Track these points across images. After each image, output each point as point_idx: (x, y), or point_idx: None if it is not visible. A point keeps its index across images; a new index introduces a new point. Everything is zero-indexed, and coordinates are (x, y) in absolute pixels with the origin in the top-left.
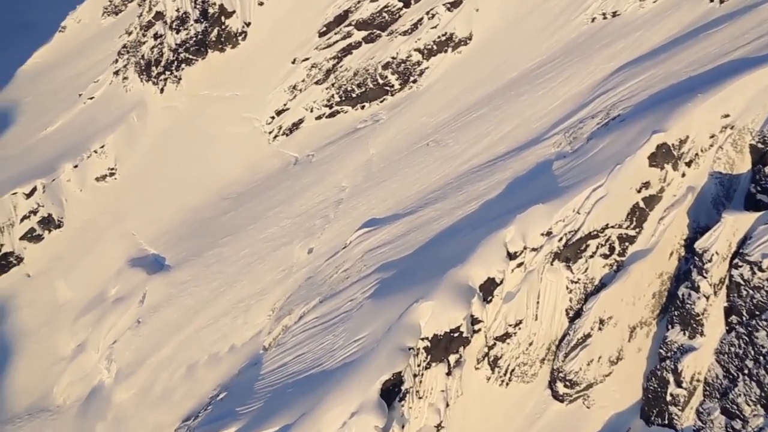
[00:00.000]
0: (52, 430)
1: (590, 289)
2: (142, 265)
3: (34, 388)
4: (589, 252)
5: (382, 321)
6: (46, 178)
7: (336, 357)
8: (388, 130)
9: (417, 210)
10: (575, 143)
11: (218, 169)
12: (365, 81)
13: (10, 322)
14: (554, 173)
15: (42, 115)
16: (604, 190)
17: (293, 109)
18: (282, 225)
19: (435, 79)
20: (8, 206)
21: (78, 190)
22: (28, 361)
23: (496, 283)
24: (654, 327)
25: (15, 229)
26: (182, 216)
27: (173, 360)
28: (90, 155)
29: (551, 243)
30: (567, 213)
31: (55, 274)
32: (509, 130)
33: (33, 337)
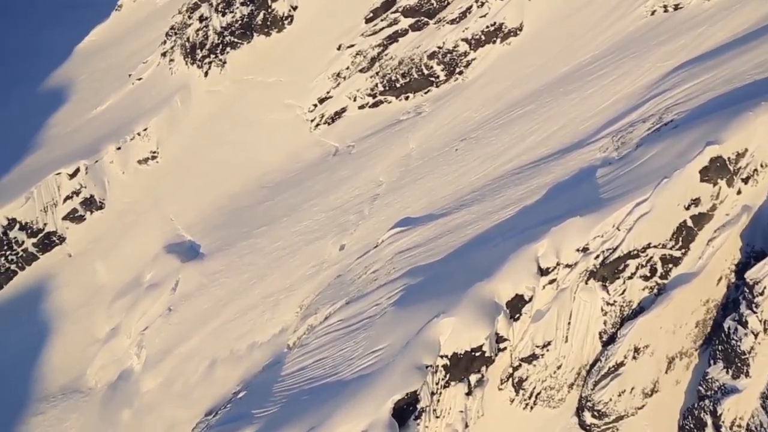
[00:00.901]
0: (80, 413)
1: (627, 313)
2: (178, 252)
3: (70, 368)
4: (627, 272)
5: (402, 333)
6: (90, 160)
7: (353, 367)
8: (430, 124)
9: (451, 212)
10: (623, 149)
11: (258, 156)
12: (410, 71)
13: (50, 300)
14: (597, 181)
15: (94, 94)
16: (648, 206)
17: (336, 97)
18: (316, 218)
19: (481, 71)
20: (52, 186)
21: (120, 172)
22: (65, 340)
23: (524, 300)
24: (695, 359)
25: (58, 209)
26: (220, 203)
27: (199, 352)
28: (133, 137)
29: (587, 260)
30: (606, 228)
31: (94, 256)
32: (554, 131)
33: (71, 317)
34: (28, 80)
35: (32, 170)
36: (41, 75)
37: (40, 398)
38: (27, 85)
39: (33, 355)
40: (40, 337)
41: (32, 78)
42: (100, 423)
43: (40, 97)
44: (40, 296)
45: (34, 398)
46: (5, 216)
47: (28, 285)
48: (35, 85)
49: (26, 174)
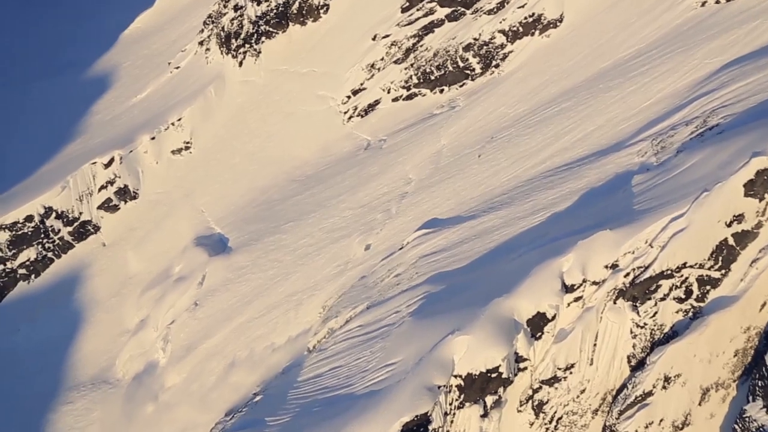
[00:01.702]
0: (107, 404)
1: (658, 338)
2: (207, 245)
3: (100, 357)
4: (660, 293)
5: (416, 348)
6: (124, 149)
7: (366, 380)
8: (462, 120)
9: (479, 215)
10: (662, 154)
11: (290, 148)
12: (445, 63)
13: (84, 289)
14: (632, 190)
15: (135, 82)
16: (684, 222)
17: (370, 89)
18: (343, 216)
19: (518, 65)
20: (88, 175)
21: (154, 163)
22: (97, 330)
23: (546, 319)
24: (733, 391)
25: (93, 198)
26: (250, 196)
27: (222, 350)
28: (167, 127)
29: (616, 278)
30: (638, 244)
31: (127, 246)
32: (591, 131)
33: (103, 306)
34: (75, 67)
35: (69, 159)
36: (87, 62)
37: (70, 387)
38: (73, 72)
39: (66, 342)
40: (74, 325)
41: (79, 65)
42: (124, 416)
43: (85, 84)
44: (75, 284)
45: (65, 387)
46: (42, 204)
47: (63, 273)
48: (81, 72)
49: (63, 163)
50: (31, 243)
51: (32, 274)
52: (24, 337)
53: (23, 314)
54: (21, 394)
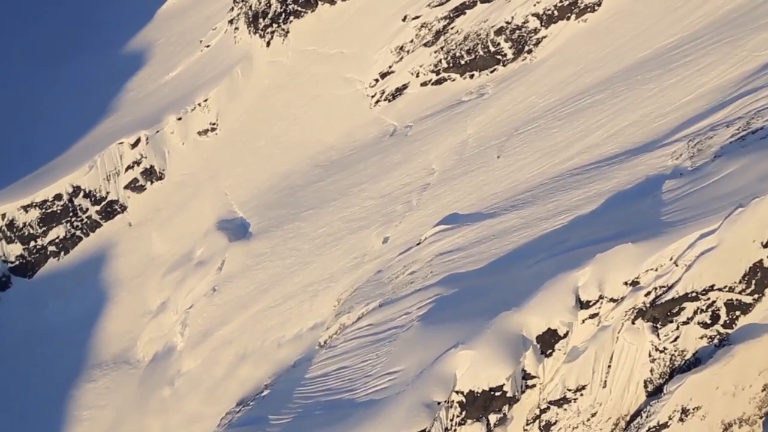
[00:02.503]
0: (126, 385)
1: (678, 364)
2: (228, 229)
3: (122, 337)
4: (683, 317)
5: (419, 358)
6: (151, 130)
7: (368, 386)
8: (490, 109)
9: (500, 213)
10: (698, 158)
11: (315, 132)
12: (476, 47)
13: (109, 268)
14: (662, 196)
15: (169, 59)
16: (715, 239)
17: (399, 72)
18: (364, 205)
19: (552, 51)
20: (115, 155)
21: (180, 144)
22: (120, 309)
23: (558, 336)
24: (759, 428)
25: (120, 178)
26: (273, 180)
27: (237, 338)
28: (194, 108)
29: (636, 296)
30: (662, 261)
31: (152, 226)
32: (624, 126)
33: (126, 287)
34: (112, 44)
35: (98, 138)
36: (124, 39)
37: (93, 365)
38: (110, 49)
39: (92, 320)
40: (99, 303)
41: (116, 42)
42: (140, 398)
43: (120, 61)
44: (101, 263)
45: (88, 364)
46: (71, 183)
47: (91, 251)
48: (117, 49)
49: (92, 142)
50: (60, 221)
51: (61, 252)
52: (52, 313)
53: (52, 290)
54: (48, 370)
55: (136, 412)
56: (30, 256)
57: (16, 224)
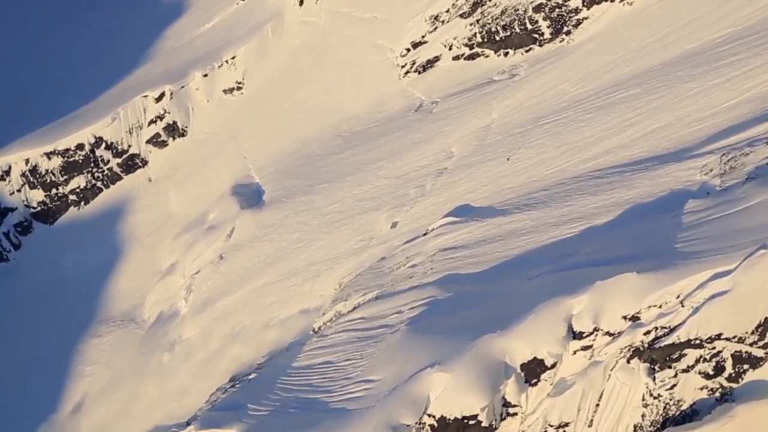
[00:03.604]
0: (126, 346)
1: (673, 414)
2: (243, 194)
3: (132, 295)
4: (684, 363)
5: (396, 371)
6: (176, 84)
7: (344, 391)
8: (519, 92)
9: (512, 211)
10: (729, 177)
11: (341, 99)
12: (512, 23)
13: (126, 223)
14: (682, 218)
15: (207, 10)
16: (729, 283)
17: (431, 43)
18: (378, 184)
19: (591, 34)
20: (139, 108)
21: (205, 101)
22: (133, 266)
23: (545, 366)
24: None
25: (143, 132)
26: (293, 147)
27: (237, 310)
28: (221, 65)
29: (634, 333)
30: (667, 298)
31: (171, 184)
32: (656, 128)
33: (141, 244)
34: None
35: (125, 88)
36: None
37: (101, 320)
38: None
39: (105, 274)
40: (113, 258)
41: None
42: (141, 360)
43: (161, 8)
44: (119, 217)
45: (97, 319)
46: (93, 134)
47: (110, 203)
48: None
49: (119, 91)
50: (82, 171)
51: (82, 201)
52: (69, 262)
53: (71, 240)
54: (58, 320)
55: (135, 375)
56: (51, 203)
57: (39, 170)
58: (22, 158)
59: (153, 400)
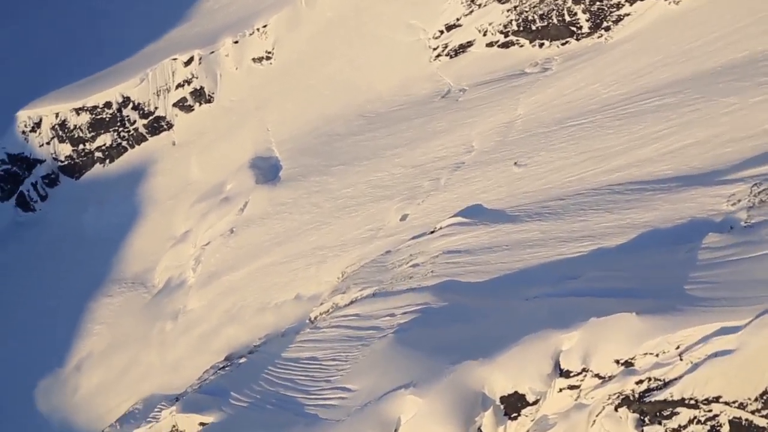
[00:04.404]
0: (132, 308)
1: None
2: (260, 168)
3: (145, 258)
4: (675, 422)
5: (374, 383)
6: (205, 49)
7: (321, 395)
8: (549, 89)
9: (522, 219)
10: (756, 212)
11: (369, 79)
12: (550, 13)
13: (147, 184)
14: (698, 254)
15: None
16: (735, 342)
17: (466, 26)
18: (393, 172)
19: (631, 33)
20: (167, 71)
21: (234, 68)
22: (149, 228)
23: (526, 402)
24: None
25: (170, 95)
26: (316, 123)
27: (240, 288)
28: (252, 33)
29: (626, 381)
30: (666, 347)
31: (193, 149)
32: (687, 145)
33: (159, 207)
34: None
35: (156, 49)
36: None
37: (114, 280)
38: None
39: (122, 234)
40: (132, 218)
41: None
42: (145, 326)
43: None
44: (141, 178)
45: (110, 278)
46: (121, 93)
47: (134, 163)
48: None
49: (151, 51)
50: (109, 129)
51: (107, 159)
52: (90, 218)
53: (94, 196)
54: (74, 275)
55: (138, 340)
56: (78, 159)
57: (67, 125)
58: (52, 112)
59: (151, 368)
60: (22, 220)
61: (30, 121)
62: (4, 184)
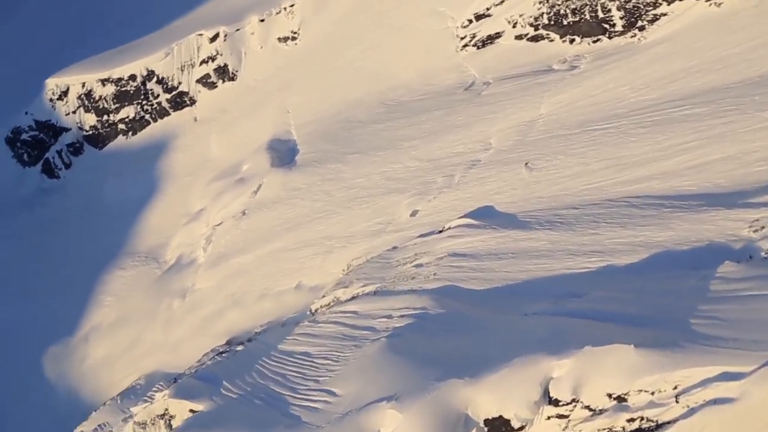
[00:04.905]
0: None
1: None
2: (278, 150)
3: (159, 233)
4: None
5: (358, 390)
6: (231, 26)
7: (307, 395)
8: (575, 88)
9: (533, 226)
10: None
11: (392, 65)
12: (583, 8)
13: (167, 159)
14: (710, 284)
15: None
16: (737, 390)
17: (496, 17)
18: (408, 165)
19: (667, 34)
20: (193, 46)
21: (259, 47)
22: (166, 204)
23: (511, 427)
24: None
25: (194, 71)
26: (336, 108)
27: (248, 272)
28: (279, 11)
29: (617, 417)
30: (662, 386)
31: (215, 127)
32: (714, 160)
33: (177, 183)
34: None
35: (185, 23)
36: None
37: (129, 253)
38: None
39: (139, 208)
40: (150, 193)
41: None
42: (153, 302)
43: None
44: (161, 152)
45: (125, 251)
46: (145, 67)
47: (155, 137)
48: None
49: (176, 28)
50: (132, 101)
51: (130, 131)
52: (110, 190)
53: (115, 167)
54: (91, 245)
55: (145, 316)
56: (102, 129)
57: (93, 95)
58: (79, 81)
59: (156, 344)
60: (46, 186)
61: (57, 89)
62: (31, 150)
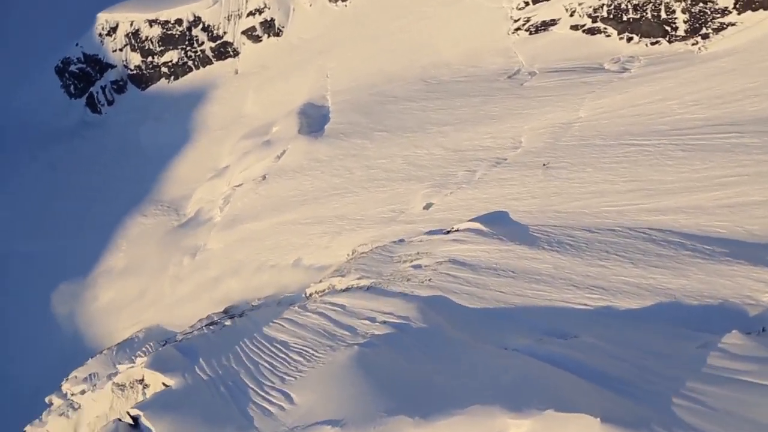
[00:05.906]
0: (161, 234)
1: None
2: (309, 116)
3: (185, 185)
4: None
5: (312, 404)
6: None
7: (268, 395)
8: (620, 95)
9: (542, 244)
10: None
11: (438, 41)
12: (646, 5)
13: (204, 109)
14: (709, 356)
15: None
16: None
17: (554, 2)
18: (432, 152)
19: (731, 47)
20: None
21: (308, 4)
22: (196, 155)
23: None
24: None
25: (240, 22)
26: (375, 79)
27: (258, 240)
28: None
29: None
30: None
31: (253, 82)
32: (752, 202)
33: (210, 136)
34: None
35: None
36: None
37: (153, 200)
38: None
39: (170, 154)
40: (182, 141)
41: None
42: (166, 256)
43: None
44: (199, 101)
45: (149, 198)
46: (192, 12)
47: (196, 85)
48: None
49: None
50: (177, 46)
51: (172, 76)
52: (147, 132)
53: (154, 110)
54: (120, 185)
55: (156, 269)
56: (146, 70)
57: (140, 35)
58: (128, 19)
59: (161, 299)
60: (89, 119)
61: (107, 24)
62: (78, 82)
